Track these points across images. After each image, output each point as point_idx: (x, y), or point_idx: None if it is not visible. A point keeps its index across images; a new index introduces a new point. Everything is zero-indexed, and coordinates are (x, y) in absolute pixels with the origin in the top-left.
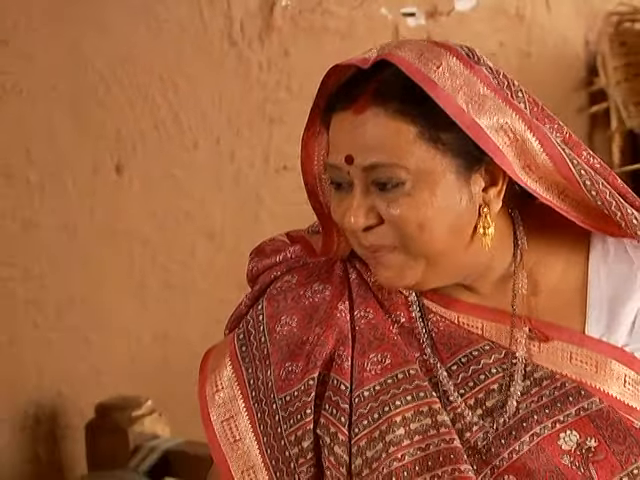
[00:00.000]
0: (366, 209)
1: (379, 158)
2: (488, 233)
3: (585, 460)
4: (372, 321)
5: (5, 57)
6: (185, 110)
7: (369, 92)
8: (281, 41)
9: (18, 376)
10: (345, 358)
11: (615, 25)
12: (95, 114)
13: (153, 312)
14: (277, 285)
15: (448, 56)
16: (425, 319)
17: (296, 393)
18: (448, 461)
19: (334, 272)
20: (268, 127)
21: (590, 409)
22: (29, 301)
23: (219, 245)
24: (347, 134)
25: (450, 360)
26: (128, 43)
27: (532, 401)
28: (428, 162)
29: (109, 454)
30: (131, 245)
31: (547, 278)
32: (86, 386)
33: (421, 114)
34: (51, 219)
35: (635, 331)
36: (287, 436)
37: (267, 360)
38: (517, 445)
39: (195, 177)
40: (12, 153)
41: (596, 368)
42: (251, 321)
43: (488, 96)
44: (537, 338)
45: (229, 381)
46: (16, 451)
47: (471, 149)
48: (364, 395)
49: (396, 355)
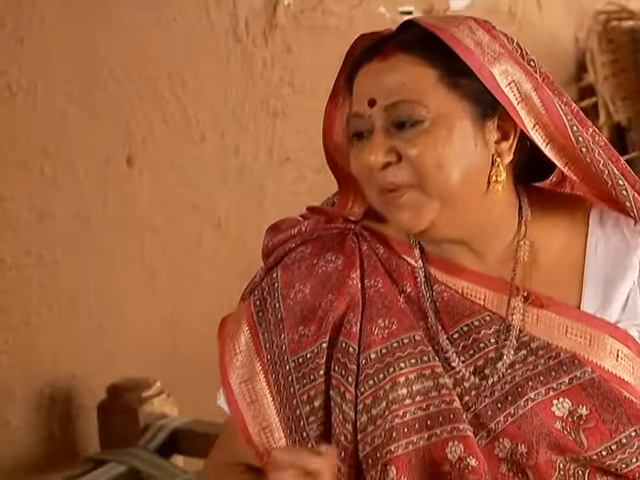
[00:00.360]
0: (386, 148)
1: (401, 96)
2: (500, 180)
3: (576, 427)
4: (381, 290)
5: (20, 55)
6: (192, 105)
7: (393, 44)
8: (284, 38)
9: (34, 359)
10: (354, 323)
11: (603, 23)
12: (107, 108)
13: (162, 298)
14: (291, 255)
15: (469, 21)
16: (430, 289)
17: (309, 355)
18: (447, 421)
19: (346, 244)
20: (272, 121)
21: (583, 378)
22: (44, 287)
23: (225, 234)
24: (371, 81)
25: (452, 329)
26: (138, 40)
27: (528, 369)
28: (446, 105)
29: (120, 433)
30: (141, 234)
31: (547, 253)
32: (98, 368)
33: (442, 61)
34: (65, 209)
35: (628, 309)
36: (300, 395)
37: (281, 324)
38: (512, 409)
39: (202, 169)
40: (28, 146)
41: (590, 342)
42: (266, 288)
43: (503, 55)
44: (533, 304)
45: (246, 345)
46: (32, 430)
47: (486, 98)
48: (371, 357)
49: (402, 321)
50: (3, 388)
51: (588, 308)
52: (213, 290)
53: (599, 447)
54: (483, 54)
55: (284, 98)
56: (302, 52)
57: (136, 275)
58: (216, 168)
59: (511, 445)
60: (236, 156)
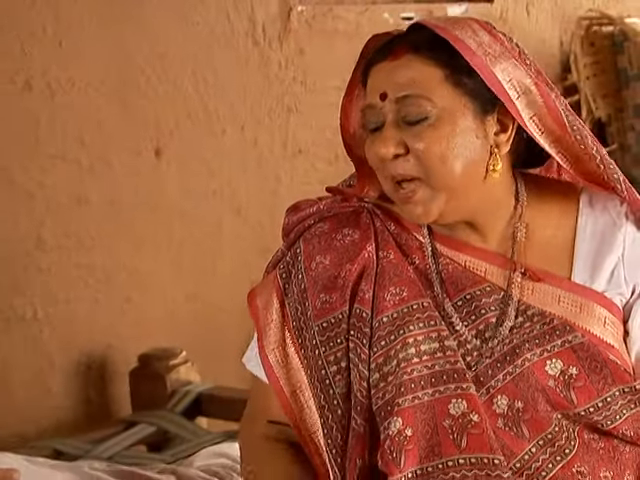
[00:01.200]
0: (396, 140)
1: (410, 91)
2: (497, 169)
3: (567, 385)
4: (393, 261)
5: (60, 55)
6: (214, 101)
7: (405, 44)
8: (297, 42)
9: (72, 330)
10: (367, 291)
11: (585, 28)
12: (137, 104)
13: (187, 276)
14: (311, 231)
15: (472, 23)
16: (436, 262)
17: (333, 320)
18: (452, 380)
19: (361, 220)
20: (286, 116)
21: (573, 342)
22: (81, 266)
23: (244, 218)
24: (383, 77)
25: (456, 297)
26: (165, 43)
27: (524, 333)
28: (451, 101)
29: (150, 397)
30: (168, 218)
31: (541, 232)
32: (130, 339)
33: (447, 61)
34: (100, 196)
35: (613, 280)
36: (325, 357)
37: (305, 293)
38: (510, 368)
39: (223, 160)
40: (67, 139)
41: (580, 309)
42: (291, 261)
43: (504, 54)
44: (530, 278)
45: (277, 314)
46: (71, 394)
47: (487, 95)
48: (383, 321)
49: (412, 289)
50: (45, 357)
51: (578, 280)
52: (233, 268)
53: (587, 404)
54: (485, 54)
55: (297, 96)
56: (314, 54)
57: (164, 255)
58: (236, 159)
59: (508, 401)
60: (254, 148)
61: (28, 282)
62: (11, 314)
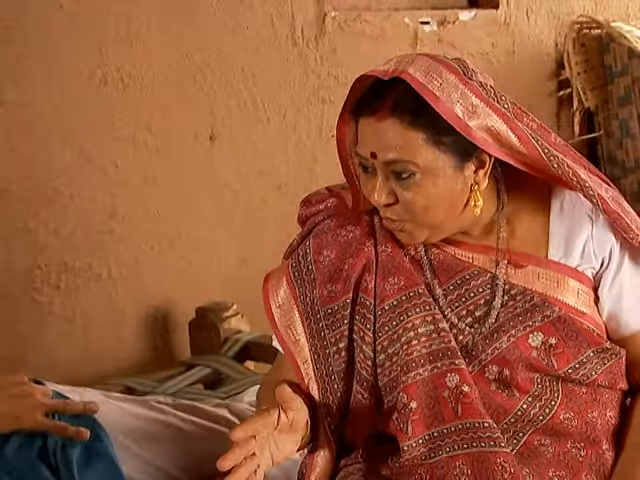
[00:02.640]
0: (387, 191)
1: (396, 155)
2: (478, 205)
3: (548, 353)
4: (390, 254)
5: (131, 54)
6: (260, 93)
7: (387, 105)
8: (331, 42)
9: (141, 287)
10: (370, 281)
11: (577, 31)
12: (195, 96)
13: (237, 243)
14: (320, 227)
15: (447, 73)
16: (429, 252)
17: (336, 307)
18: (446, 357)
19: (362, 218)
20: (321, 106)
21: (552, 316)
22: (148, 233)
23: (285, 194)
24: (371, 136)
25: (448, 282)
26: (219, 43)
27: (509, 311)
28: (432, 161)
29: (206, 344)
30: (221, 193)
31: (520, 223)
32: (189, 294)
33: (427, 124)
34: (164, 173)
35: (584, 255)
36: (329, 338)
37: (313, 283)
38: (498, 344)
39: (267, 143)
40: (136, 125)
41: (557, 284)
42: (301, 253)
43: (479, 105)
44: (513, 266)
45: (286, 297)
46: (140, 341)
47: (465, 146)
48: (385, 308)
49: (408, 279)
50: (118, 311)
51: (554, 257)
52: (275, 237)
53: (566, 367)
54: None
55: (330, 88)
56: (345, 53)
57: (217, 225)
58: (278, 143)
59: (498, 370)
60: (294, 133)
61: (104, 247)
62: (90, 274)
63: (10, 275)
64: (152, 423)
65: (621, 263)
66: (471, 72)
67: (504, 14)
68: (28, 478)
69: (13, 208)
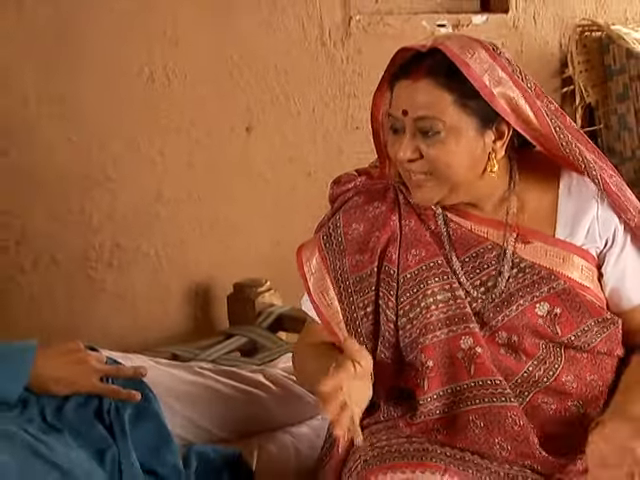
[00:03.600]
0: (412, 147)
1: (425, 112)
2: (494, 171)
3: (553, 321)
4: (413, 228)
5: (175, 54)
6: (291, 89)
7: (423, 68)
8: (356, 43)
9: (184, 265)
10: (394, 252)
11: (579, 33)
12: (232, 92)
13: (270, 225)
14: (349, 203)
15: (479, 48)
16: (447, 227)
17: (364, 275)
18: (461, 321)
19: (388, 195)
20: (347, 101)
21: (557, 288)
22: (191, 215)
23: (313, 181)
24: (405, 95)
25: (465, 254)
26: (254, 44)
27: (518, 282)
28: (457, 121)
29: (242, 316)
30: (256, 180)
31: (529, 201)
32: (228, 271)
33: (457, 88)
34: (204, 161)
35: (589, 235)
36: (357, 303)
37: (343, 253)
38: (507, 311)
39: (298, 135)
40: (180, 117)
41: (563, 260)
42: (331, 227)
43: (504, 77)
44: (522, 240)
45: (318, 266)
46: (183, 313)
47: (487, 113)
48: (407, 277)
49: (428, 250)
50: (164, 286)
51: (561, 236)
52: (305, 219)
53: (569, 334)
54: (489, 79)
55: (355, 85)
56: (368, 53)
57: (252, 209)
58: (308, 134)
59: (507, 335)
60: (321, 125)
61: (151, 228)
62: (138, 252)
63: (67, 254)
64: (195, 386)
65: (624, 244)
66: (500, 51)
67: (513, 18)
68: (86, 434)
69: (70, 193)
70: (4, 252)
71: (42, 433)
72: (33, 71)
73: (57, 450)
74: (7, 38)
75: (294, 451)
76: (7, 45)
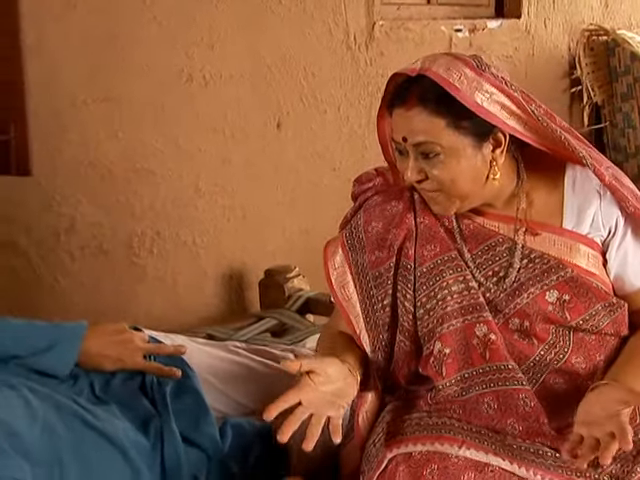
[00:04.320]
0: (417, 170)
1: (422, 138)
2: (496, 178)
3: (562, 307)
4: (428, 225)
5: (212, 57)
6: (319, 89)
7: (414, 97)
8: (379, 47)
9: (219, 252)
10: (410, 248)
11: (587, 37)
12: (265, 91)
13: (299, 215)
14: (369, 202)
15: (464, 67)
16: (460, 223)
17: (382, 270)
18: (476, 310)
19: (404, 194)
20: (370, 100)
21: (565, 276)
22: (225, 207)
23: (338, 175)
24: (402, 123)
25: (476, 248)
26: (285, 48)
27: (528, 272)
28: (454, 142)
29: (273, 300)
30: (286, 173)
31: (538, 196)
32: (259, 258)
33: (448, 112)
34: (238, 157)
35: (594, 225)
36: (376, 296)
37: (364, 249)
38: (519, 300)
39: (325, 131)
40: (216, 115)
41: (570, 249)
42: (353, 224)
43: (493, 92)
44: (531, 233)
45: (341, 262)
46: (219, 297)
47: (482, 128)
48: (423, 271)
49: (443, 245)
50: (201, 271)
51: (567, 226)
52: (331, 210)
53: (578, 318)
54: (480, 98)
55: (378, 85)
56: (390, 55)
57: (284, 200)
58: (334, 131)
59: (519, 322)
60: (347, 123)
61: (189, 218)
62: (177, 240)
63: (113, 242)
64: (230, 364)
65: (625, 232)
66: (485, 65)
67: (525, 23)
68: (132, 406)
69: (116, 185)
70: (56, 240)
71: (91, 405)
72: (83, 73)
73: (105, 420)
74: (61, 43)
75: None
76: (61, 49)
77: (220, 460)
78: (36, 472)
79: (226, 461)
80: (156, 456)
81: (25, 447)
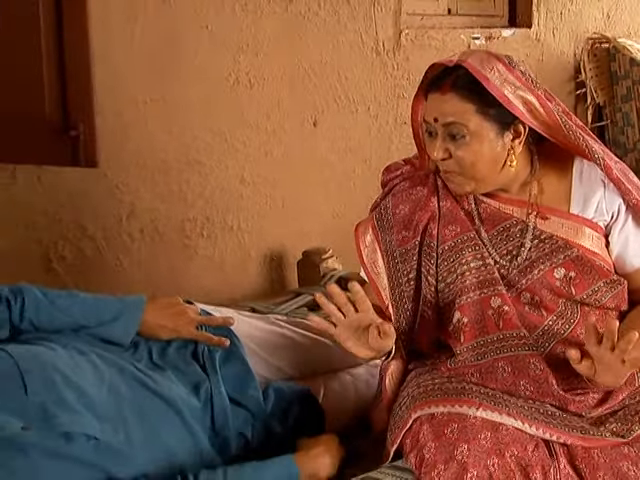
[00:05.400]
0: (443, 148)
1: (452, 119)
2: (513, 165)
3: (568, 283)
4: (449, 208)
5: (256, 62)
6: (351, 90)
7: (449, 83)
8: (405, 52)
9: (261, 235)
10: (433, 228)
11: (591, 45)
12: (302, 92)
13: (333, 202)
14: (397, 188)
15: (497, 62)
16: (478, 206)
17: (408, 247)
18: (491, 285)
19: (428, 180)
20: (396, 101)
21: (571, 255)
22: (267, 195)
23: (368, 166)
24: (436, 105)
25: (493, 229)
26: (321, 54)
27: (538, 251)
28: (479, 127)
29: (309, 278)
30: (321, 166)
31: (548, 184)
32: (297, 241)
33: (478, 99)
34: (279, 150)
35: (598, 210)
36: (402, 271)
37: (392, 229)
38: (530, 276)
39: (355, 129)
40: (258, 114)
41: (576, 232)
42: (383, 207)
43: (519, 86)
44: (541, 217)
45: (371, 241)
46: (261, 275)
47: (505, 117)
48: (445, 248)
49: (462, 226)
50: (245, 253)
51: (574, 211)
52: (361, 199)
53: (582, 293)
54: (507, 89)
55: (404, 87)
56: (415, 60)
57: (319, 189)
58: (364, 128)
59: (530, 295)
60: (376, 121)
61: (235, 205)
62: (224, 225)
63: (168, 225)
64: (272, 334)
65: (627, 218)
66: (515, 63)
67: (536, 32)
68: (185, 371)
69: (170, 175)
70: (118, 224)
71: (149, 369)
72: (143, 77)
73: (161, 383)
74: (124, 51)
75: (353, 388)
76: (124, 56)
77: (263, 420)
78: (104, 428)
79: (268, 420)
80: (207, 416)
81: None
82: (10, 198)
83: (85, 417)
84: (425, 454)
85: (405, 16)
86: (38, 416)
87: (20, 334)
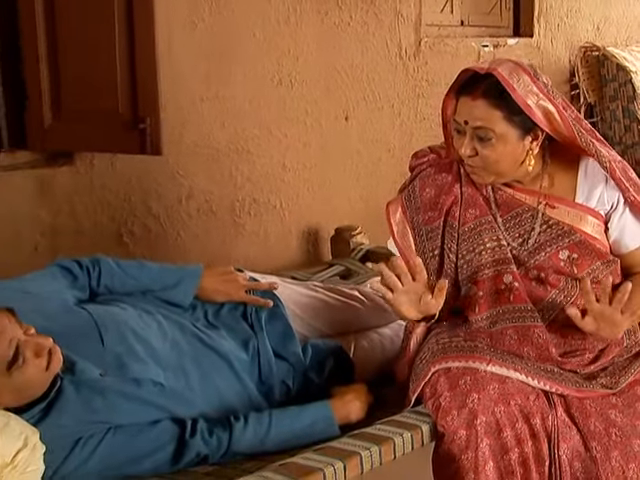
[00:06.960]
0: (471, 147)
1: (481, 124)
2: (531, 164)
3: (571, 263)
4: (470, 193)
5: (296, 65)
6: (377, 90)
7: (480, 89)
8: (424, 57)
9: (300, 214)
10: (456, 211)
11: (583, 52)
12: (335, 92)
13: (360, 186)
14: (423, 173)
15: (523, 74)
16: (495, 193)
17: (434, 227)
18: (504, 263)
19: (453, 168)
20: (417, 99)
21: (575, 239)
22: (304, 180)
23: (393, 156)
24: (466, 109)
25: (507, 214)
26: (352, 58)
27: (546, 235)
28: (505, 132)
29: (341, 251)
30: (351, 156)
31: (557, 177)
32: (330, 220)
33: (505, 106)
34: (315, 141)
35: (600, 201)
36: (428, 247)
37: (419, 210)
38: (538, 257)
39: (381, 123)
40: (297, 110)
41: (580, 219)
42: (411, 189)
43: (541, 96)
44: (550, 205)
45: (401, 218)
46: (300, 249)
47: (527, 124)
48: (465, 230)
49: (481, 210)
50: (286, 229)
51: (579, 201)
52: (386, 184)
53: (583, 272)
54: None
55: (423, 87)
56: (433, 64)
57: (348, 173)
58: (388, 123)
59: (537, 273)
60: (399, 117)
61: (277, 187)
62: (269, 205)
63: (220, 206)
64: (310, 298)
65: (624, 209)
66: (539, 75)
67: (536, 41)
68: (236, 329)
69: (222, 162)
70: (178, 204)
71: (205, 327)
72: (200, 77)
73: (215, 339)
74: (185, 53)
75: (380, 345)
76: (184, 58)
77: (302, 371)
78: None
79: (307, 372)
80: (254, 367)
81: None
82: (89, 182)
83: (151, 366)
84: (441, 402)
85: (424, 26)
86: (113, 364)
87: (97, 296)
